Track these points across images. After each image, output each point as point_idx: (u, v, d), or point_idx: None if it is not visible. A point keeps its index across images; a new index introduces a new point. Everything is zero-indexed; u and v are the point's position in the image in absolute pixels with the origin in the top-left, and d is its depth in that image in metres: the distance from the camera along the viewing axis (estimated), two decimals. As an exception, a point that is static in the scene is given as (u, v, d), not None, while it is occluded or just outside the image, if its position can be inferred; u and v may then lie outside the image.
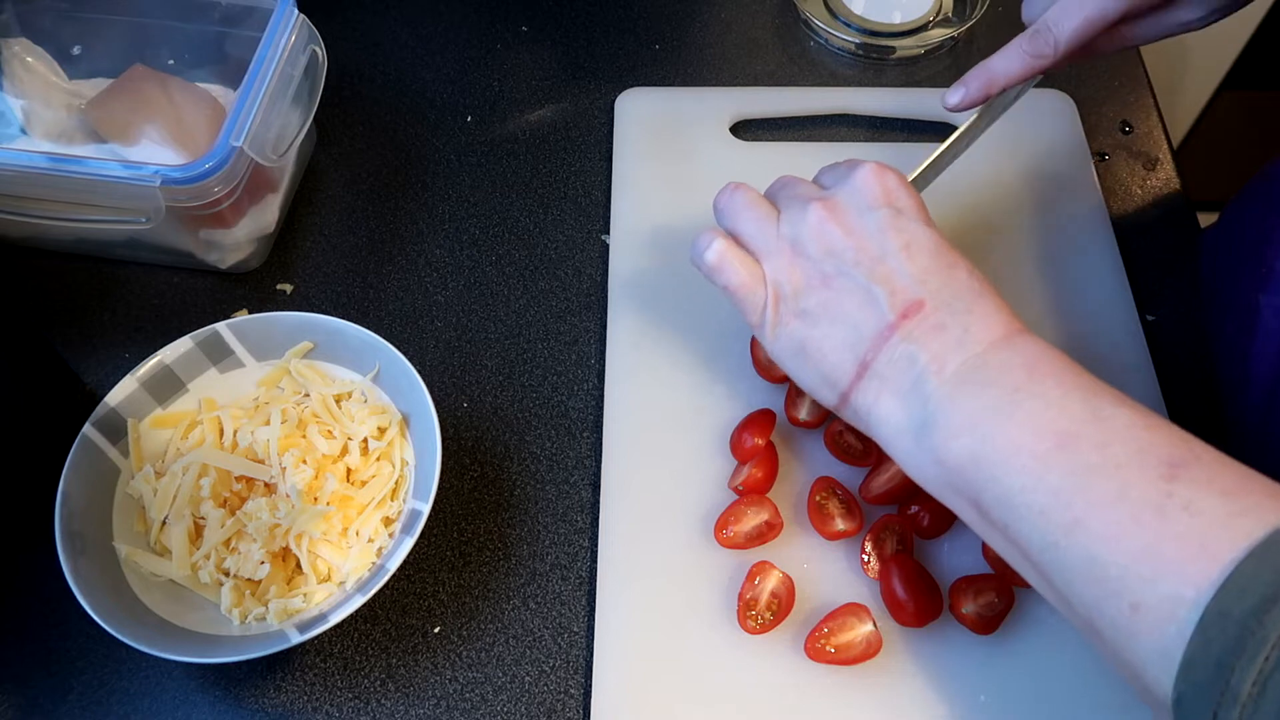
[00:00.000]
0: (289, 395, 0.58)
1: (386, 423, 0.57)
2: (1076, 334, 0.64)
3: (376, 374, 0.58)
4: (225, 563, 0.53)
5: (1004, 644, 0.54)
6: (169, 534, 0.54)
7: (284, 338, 0.58)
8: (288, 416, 0.57)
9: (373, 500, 0.54)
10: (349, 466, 0.56)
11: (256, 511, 0.54)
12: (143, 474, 0.55)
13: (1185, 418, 0.61)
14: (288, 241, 0.69)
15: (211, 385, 0.58)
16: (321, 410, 0.57)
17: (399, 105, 0.76)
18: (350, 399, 0.58)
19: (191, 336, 0.57)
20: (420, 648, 0.55)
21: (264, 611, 0.52)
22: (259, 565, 0.53)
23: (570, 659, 0.55)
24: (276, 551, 0.53)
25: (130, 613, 0.50)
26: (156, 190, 0.58)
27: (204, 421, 0.57)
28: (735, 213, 0.54)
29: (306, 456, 0.55)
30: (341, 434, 0.56)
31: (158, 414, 0.57)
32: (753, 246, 0.53)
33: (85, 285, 0.67)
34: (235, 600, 0.52)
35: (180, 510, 0.54)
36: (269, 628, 0.51)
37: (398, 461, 0.56)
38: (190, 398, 0.58)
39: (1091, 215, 0.69)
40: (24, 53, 0.68)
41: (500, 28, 0.81)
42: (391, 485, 0.55)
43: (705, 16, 0.82)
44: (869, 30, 0.79)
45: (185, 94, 0.67)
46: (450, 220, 0.71)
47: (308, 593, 0.53)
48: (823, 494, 0.57)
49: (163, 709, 0.54)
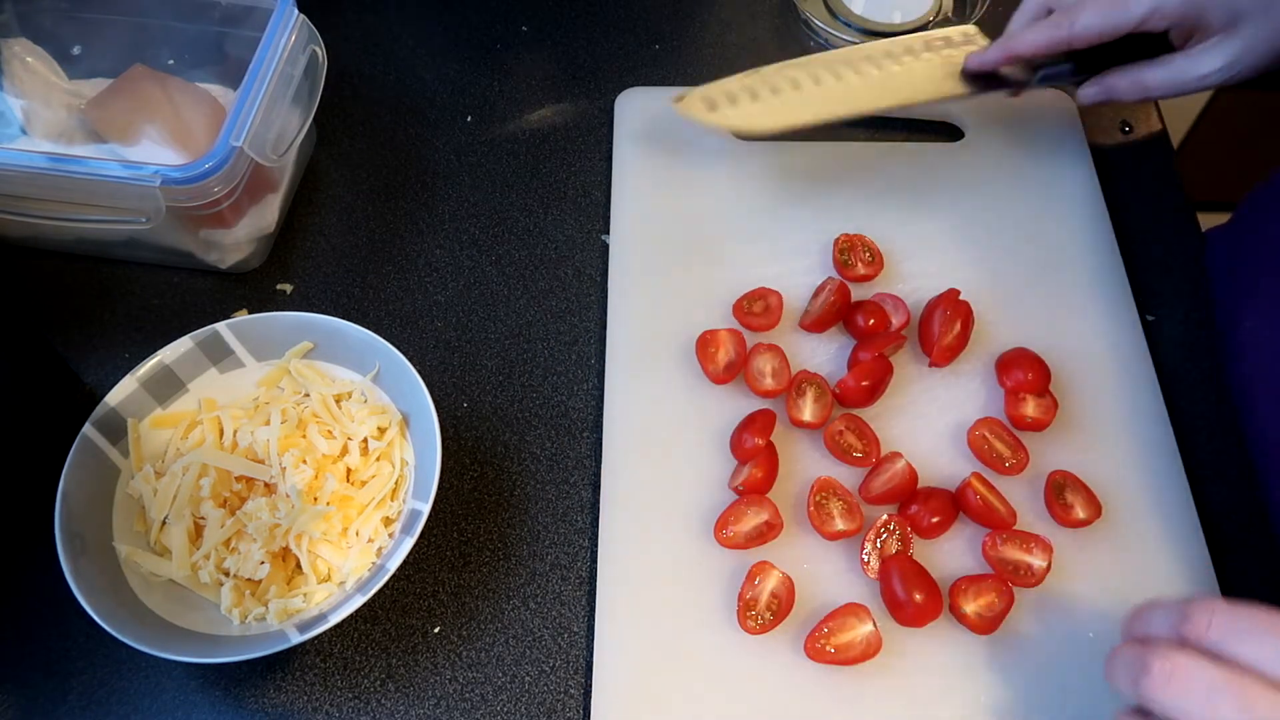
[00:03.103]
0: (289, 395, 0.58)
1: (386, 423, 0.57)
2: (1077, 334, 0.64)
3: (377, 374, 0.58)
4: (225, 563, 0.53)
5: (1004, 644, 0.54)
6: (169, 534, 0.54)
7: (284, 337, 0.58)
8: (288, 416, 0.57)
9: (373, 500, 0.54)
10: (349, 466, 0.56)
11: (256, 511, 0.54)
12: (142, 474, 0.55)
13: (1185, 417, 0.61)
14: (288, 241, 0.69)
15: (211, 385, 0.58)
16: (321, 410, 0.57)
17: (399, 105, 0.76)
18: (350, 399, 0.58)
19: (191, 337, 0.57)
20: (420, 648, 0.55)
21: (264, 611, 0.52)
22: (259, 565, 0.53)
23: (570, 659, 0.55)
24: (276, 551, 0.53)
25: (130, 613, 0.50)
26: (156, 190, 0.58)
27: (204, 421, 0.57)
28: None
29: (306, 456, 0.55)
30: (341, 434, 0.56)
31: (158, 414, 0.57)
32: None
33: (85, 285, 0.67)
34: (235, 600, 0.52)
35: (180, 510, 0.54)
36: (269, 628, 0.51)
37: (398, 461, 0.56)
38: (190, 398, 0.58)
39: (1091, 215, 0.69)
40: (24, 53, 0.68)
41: (500, 28, 0.81)
42: (391, 485, 0.55)
43: (705, 16, 0.82)
44: (869, 30, 0.78)
45: (185, 94, 0.67)
46: (450, 220, 0.71)
47: (308, 593, 0.53)
48: (823, 494, 0.57)
49: (163, 709, 0.54)
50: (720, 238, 0.68)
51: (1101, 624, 0.54)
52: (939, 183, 0.71)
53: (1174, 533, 0.57)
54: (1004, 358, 0.62)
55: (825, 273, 0.67)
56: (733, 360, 0.62)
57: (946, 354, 0.62)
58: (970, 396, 0.62)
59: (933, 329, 0.62)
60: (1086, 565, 0.56)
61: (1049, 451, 0.60)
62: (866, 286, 0.66)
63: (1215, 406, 0.62)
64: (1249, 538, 0.58)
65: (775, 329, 0.64)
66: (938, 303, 0.63)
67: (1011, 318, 0.65)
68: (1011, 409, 0.60)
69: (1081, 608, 0.55)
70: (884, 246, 0.67)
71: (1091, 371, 0.63)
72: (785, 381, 0.61)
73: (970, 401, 0.62)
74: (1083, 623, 0.55)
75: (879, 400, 0.61)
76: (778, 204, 0.70)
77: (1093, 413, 0.61)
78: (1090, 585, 0.56)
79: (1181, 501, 0.58)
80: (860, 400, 0.60)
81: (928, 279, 0.66)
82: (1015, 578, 0.55)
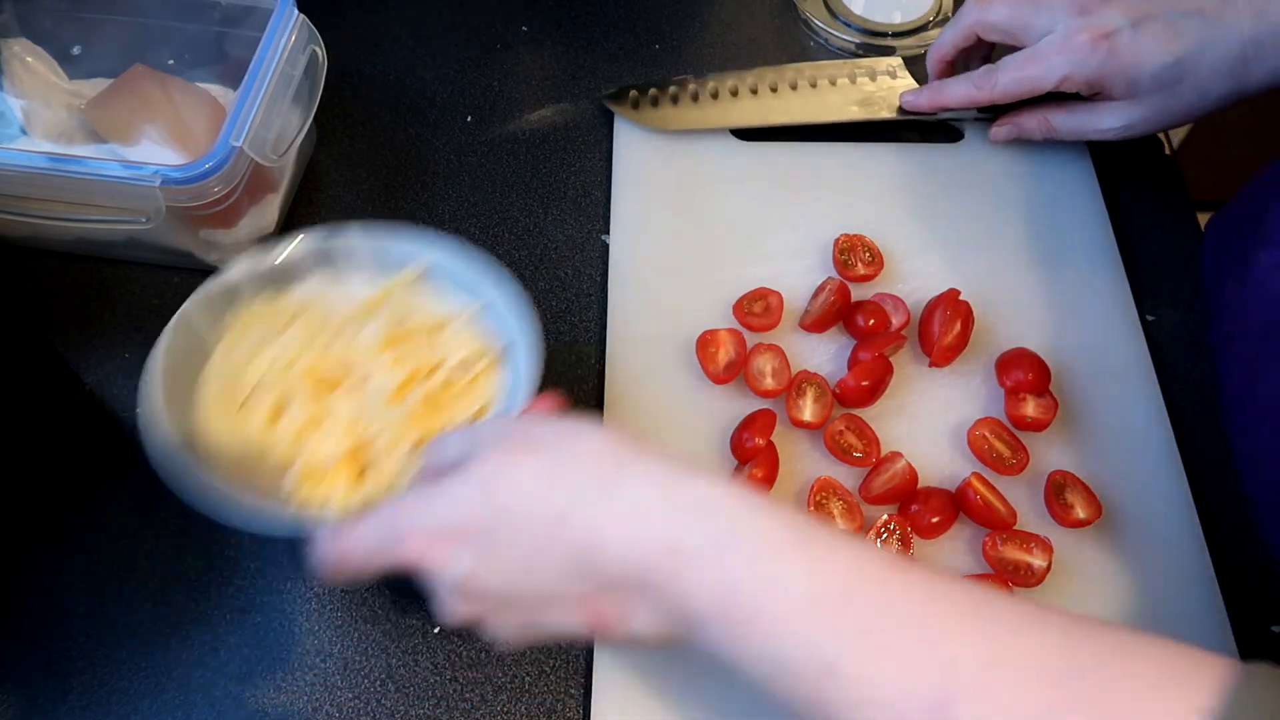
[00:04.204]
0: (395, 310, 0.58)
1: (483, 352, 0.56)
2: (1076, 334, 0.64)
3: (484, 304, 0.57)
4: (299, 449, 0.53)
5: (1004, 644, 0.54)
6: (251, 414, 0.54)
7: (400, 255, 0.58)
8: (389, 327, 0.57)
9: (450, 422, 0.54)
10: (437, 385, 0.55)
11: (339, 405, 0.54)
12: (235, 353, 0.55)
13: (1185, 417, 0.61)
14: (288, 241, 0.69)
15: (319, 289, 0.58)
16: (423, 329, 0.57)
17: (399, 105, 0.76)
18: (454, 323, 0.57)
19: (306, 238, 0.57)
20: (420, 648, 0.55)
21: (325, 502, 0.52)
22: (329, 457, 0.53)
23: (570, 659, 0.55)
24: (349, 448, 0.53)
25: (199, 481, 0.50)
26: (156, 190, 0.58)
27: (307, 314, 0.57)
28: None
29: (400, 366, 0.55)
30: (437, 354, 0.56)
31: (260, 303, 0.57)
32: None
33: (85, 285, 0.67)
34: (301, 488, 0.52)
35: (267, 390, 0.54)
36: (326, 519, 0.51)
37: (486, 392, 0.56)
38: (298, 293, 0.58)
39: (1091, 214, 0.69)
40: (24, 53, 0.68)
41: (500, 28, 0.81)
42: (473, 411, 0.55)
43: (705, 16, 0.82)
44: (869, 30, 0.79)
45: (185, 94, 0.67)
46: (450, 220, 0.71)
47: (369, 494, 0.52)
48: (823, 494, 0.57)
49: (163, 709, 0.54)
50: (720, 238, 0.68)
51: (1101, 624, 0.54)
52: (939, 183, 0.71)
53: (1174, 533, 0.57)
54: (1004, 358, 0.62)
55: (825, 273, 0.67)
56: (733, 360, 0.62)
57: (946, 354, 0.62)
58: (970, 396, 0.62)
59: (933, 329, 0.62)
60: (1086, 565, 0.56)
61: (1049, 451, 0.60)
62: (866, 286, 0.66)
63: (1215, 406, 0.62)
64: (1249, 537, 0.58)
65: (775, 329, 0.64)
66: (938, 303, 0.63)
67: (1011, 318, 0.65)
68: (1011, 409, 0.60)
69: (1081, 608, 0.55)
70: (884, 246, 0.67)
71: (1091, 371, 0.63)
72: (785, 381, 0.61)
73: (970, 401, 0.62)
74: (1083, 623, 0.55)
75: (879, 400, 0.61)
76: (778, 204, 0.70)
77: (1093, 413, 0.61)
78: (1090, 585, 0.56)
79: (1181, 501, 0.58)
80: (860, 400, 0.60)
81: (928, 279, 0.66)
82: (1015, 578, 0.55)
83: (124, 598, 0.56)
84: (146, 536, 0.58)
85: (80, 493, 0.59)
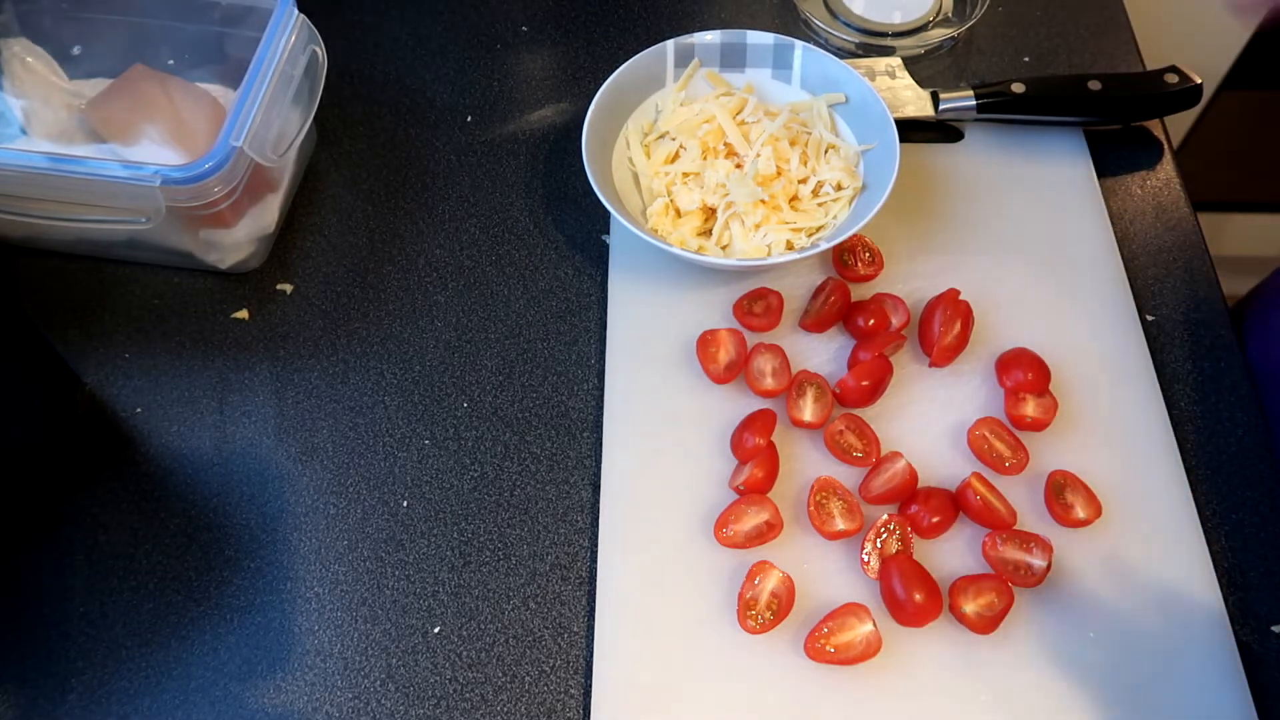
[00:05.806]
0: (800, 121, 0.68)
1: (846, 185, 0.66)
2: (1076, 334, 0.64)
3: (871, 148, 0.66)
4: (674, 187, 0.66)
5: (1004, 644, 0.54)
6: (656, 148, 0.69)
7: (831, 79, 0.69)
8: (788, 129, 0.67)
9: (792, 224, 0.64)
10: (797, 194, 0.66)
11: (718, 168, 0.66)
12: (663, 108, 0.70)
13: (1185, 417, 0.61)
14: (288, 241, 0.69)
15: (757, 81, 0.71)
16: (814, 146, 0.67)
17: (399, 105, 0.76)
18: (839, 152, 0.67)
19: (774, 36, 0.70)
20: (420, 648, 0.55)
21: (669, 233, 0.65)
22: (689, 203, 0.65)
23: (570, 659, 0.55)
24: (706, 205, 0.65)
25: (602, 185, 0.64)
26: (156, 190, 0.58)
27: (732, 95, 0.70)
28: None
29: (779, 161, 0.65)
30: (812, 168, 0.66)
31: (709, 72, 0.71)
32: None
33: (85, 285, 0.67)
34: (659, 216, 0.66)
35: (675, 134, 0.68)
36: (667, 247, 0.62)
37: (832, 216, 0.65)
38: (735, 81, 0.72)
39: (1091, 215, 0.69)
40: (24, 53, 0.68)
41: (500, 28, 0.81)
42: (811, 227, 0.65)
43: (705, 16, 0.82)
44: (869, 30, 0.79)
45: (185, 94, 0.67)
46: (450, 220, 0.71)
47: (704, 246, 0.66)
48: (823, 494, 0.57)
49: (163, 709, 0.54)
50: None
51: (1101, 624, 0.54)
52: (939, 183, 0.71)
53: (1174, 533, 0.57)
54: (1004, 358, 0.62)
55: (825, 273, 0.67)
56: (733, 360, 0.62)
57: (946, 354, 0.62)
58: (970, 396, 0.62)
59: (933, 329, 0.62)
60: (1086, 565, 0.56)
61: (1049, 451, 0.60)
62: (866, 286, 0.66)
63: (1215, 406, 0.62)
64: (1249, 537, 0.58)
65: (775, 329, 0.64)
66: (938, 303, 0.63)
67: (1011, 318, 0.65)
68: (1011, 409, 0.60)
69: (1081, 608, 0.55)
70: (884, 246, 0.67)
71: (1091, 371, 0.63)
72: (785, 381, 0.61)
73: (970, 401, 0.62)
74: (1083, 623, 0.55)
75: (879, 400, 0.61)
76: (778, 204, 0.70)
77: (1093, 413, 0.61)
78: (1090, 585, 0.56)
79: (1181, 501, 0.58)
80: (860, 400, 0.60)
81: (928, 279, 0.66)
82: (1015, 577, 0.55)
83: (124, 598, 0.56)
84: (146, 536, 0.58)
85: (80, 493, 0.59)
